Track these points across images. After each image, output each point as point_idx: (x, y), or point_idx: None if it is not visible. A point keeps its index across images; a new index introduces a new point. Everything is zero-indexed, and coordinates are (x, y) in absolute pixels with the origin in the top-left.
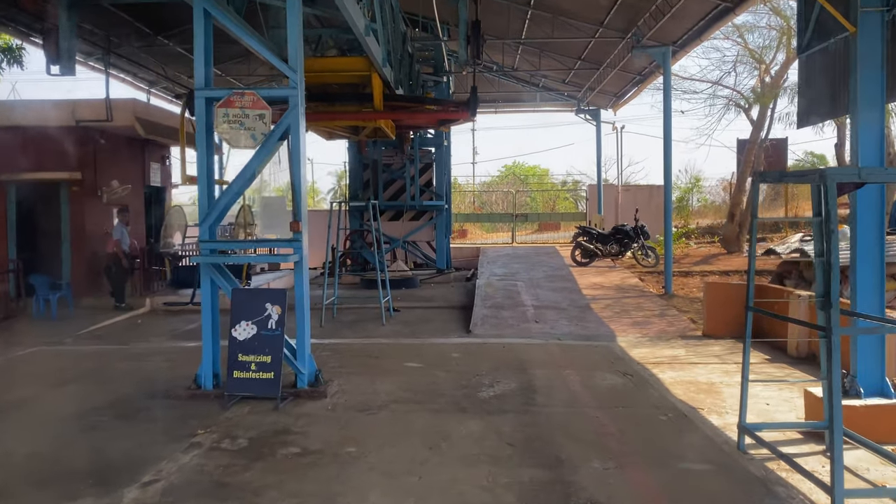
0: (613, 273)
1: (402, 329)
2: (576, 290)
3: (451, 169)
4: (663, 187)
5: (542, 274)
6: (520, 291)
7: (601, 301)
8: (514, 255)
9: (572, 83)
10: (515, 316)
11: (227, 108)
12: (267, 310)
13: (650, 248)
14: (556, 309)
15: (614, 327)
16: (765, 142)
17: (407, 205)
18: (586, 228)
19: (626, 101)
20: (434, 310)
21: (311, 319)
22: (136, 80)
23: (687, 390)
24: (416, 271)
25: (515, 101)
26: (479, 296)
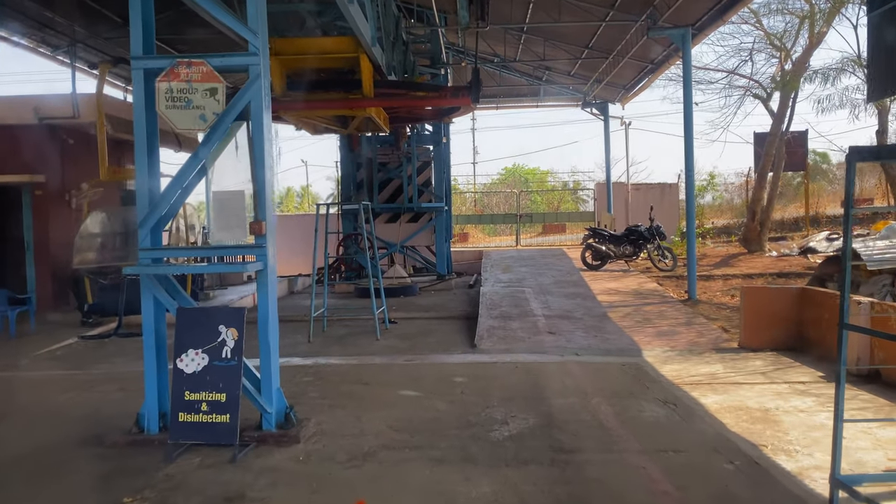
0: (629, 277)
1: (399, 344)
2: (590, 296)
3: (450, 168)
4: (677, 185)
5: (551, 279)
6: (528, 299)
7: (619, 309)
8: (519, 258)
9: (578, 75)
10: (525, 327)
11: (169, 81)
12: (221, 334)
13: (667, 250)
14: (570, 318)
15: (638, 339)
16: (786, 134)
17: (404, 206)
18: (597, 229)
19: (636, 93)
20: (434, 320)
21: (298, 335)
22: (111, 76)
23: (738, 419)
24: (415, 277)
25: (518, 97)
26: (483, 304)
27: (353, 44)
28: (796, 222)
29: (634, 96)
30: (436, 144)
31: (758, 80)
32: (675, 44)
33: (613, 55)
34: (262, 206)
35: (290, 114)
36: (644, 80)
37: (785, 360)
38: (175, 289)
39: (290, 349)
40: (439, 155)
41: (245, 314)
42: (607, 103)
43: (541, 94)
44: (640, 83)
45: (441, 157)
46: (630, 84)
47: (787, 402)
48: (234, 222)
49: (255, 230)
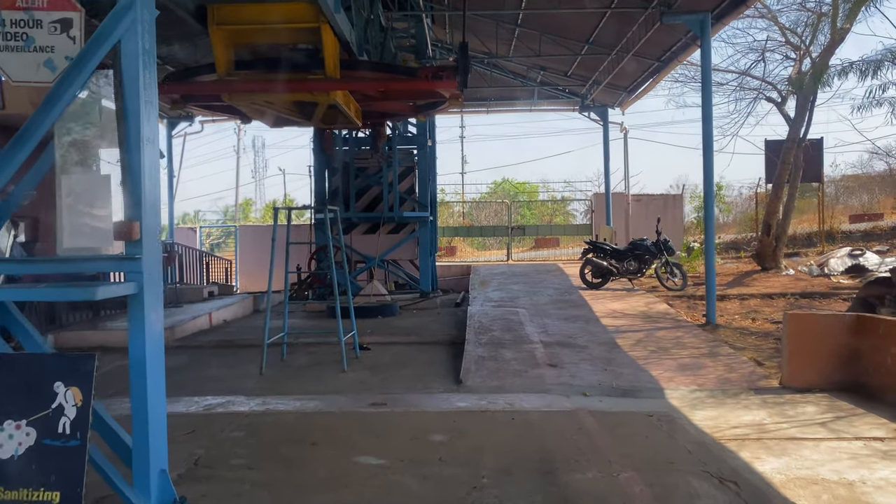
0: (634, 297)
1: (369, 378)
2: (593, 319)
3: (436, 174)
4: (681, 196)
5: (548, 298)
6: (522, 322)
7: (629, 335)
8: (510, 274)
9: (576, 76)
10: (521, 358)
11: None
12: (56, 397)
13: (676, 266)
14: (573, 346)
15: (657, 374)
16: (804, 140)
17: (384, 216)
18: (598, 243)
19: (638, 96)
20: (414, 346)
21: (249, 365)
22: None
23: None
24: (396, 294)
25: (510, 99)
26: (471, 328)
27: (311, 11)
28: (809, 237)
29: (636, 100)
30: (420, 148)
31: (771, 81)
32: (692, 31)
33: (617, 51)
34: (135, 199)
35: (239, 98)
36: (648, 80)
37: (843, 404)
38: (14, 322)
39: (235, 385)
40: (424, 159)
41: (95, 364)
42: (607, 108)
43: (535, 97)
44: (644, 84)
45: (426, 162)
46: (632, 86)
47: (873, 472)
48: (92, 223)
49: (122, 234)
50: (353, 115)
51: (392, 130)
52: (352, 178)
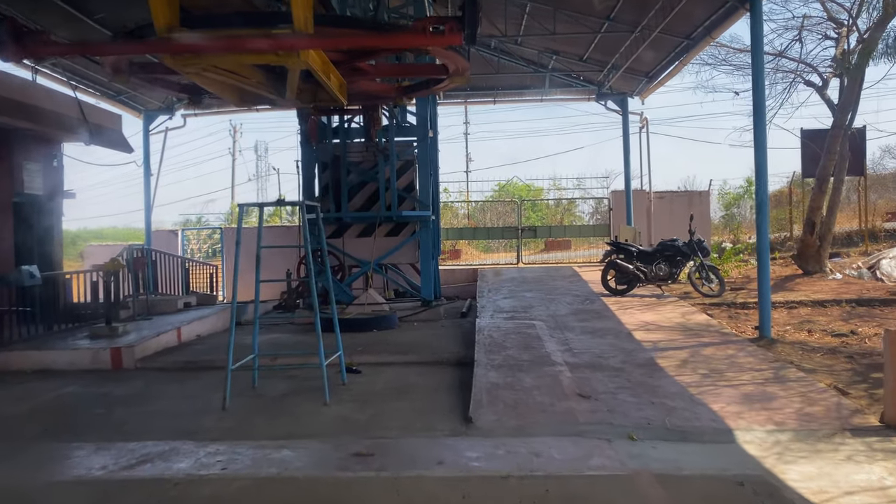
0: (666, 305)
1: (355, 415)
2: (624, 333)
3: (438, 168)
4: (707, 193)
5: (567, 307)
6: (541, 337)
7: (670, 353)
8: (521, 279)
9: (592, 60)
10: (544, 385)
11: None
12: None
13: (712, 270)
14: (607, 369)
15: (717, 407)
16: (849, 128)
17: (381, 216)
18: (621, 244)
19: (661, 83)
20: (414, 368)
21: (213, 395)
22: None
23: None
24: (395, 303)
25: (519, 88)
26: (481, 344)
27: None
28: (849, 236)
29: (657, 87)
30: (421, 139)
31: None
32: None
33: (641, 27)
34: None
35: (188, 62)
36: (674, 63)
37: None
38: None
39: (188, 424)
40: (425, 152)
41: None
42: (626, 96)
43: (546, 86)
44: (669, 69)
45: (427, 156)
46: (654, 70)
47: None
48: None
49: None
50: (335, 90)
51: (389, 119)
52: (344, 174)
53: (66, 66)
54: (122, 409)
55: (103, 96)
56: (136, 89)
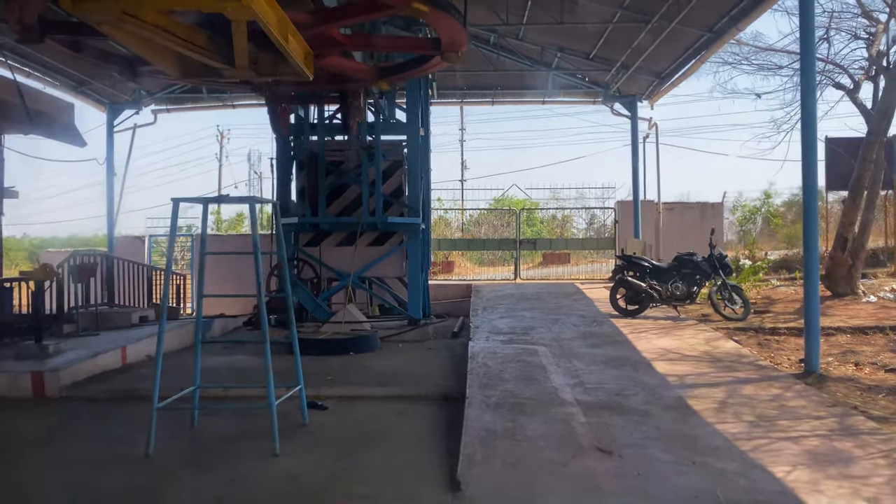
0: (685, 330)
1: (309, 473)
2: (642, 363)
3: (430, 171)
4: (721, 205)
5: (573, 330)
6: (545, 366)
7: (702, 392)
8: (520, 296)
9: (600, 59)
10: (553, 434)
11: None
12: None
13: (735, 290)
14: (629, 412)
15: (780, 472)
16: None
17: (363, 222)
18: (633, 258)
19: (674, 84)
20: (392, 405)
21: (137, 435)
22: None
23: None
24: (378, 321)
25: (519, 89)
26: (474, 375)
27: None
28: (874, 255)
29: (670, 89)
30: (411, 138)
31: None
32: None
33: (658, 17)
34: None
35: (90, 8)
36: (692, 60)
37: None
38: None
39: (92, 480)
40: (416, 153)
41: None
42: (635, 99)
43: (549, 87)
44: (685, 67)
45: (418, 157)
46: (669, 69)
47: None
48: None
49: None
50: (298, 61)
51: (375, 115)
52: (322, 175)
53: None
54: (14, 456)
55: (64, 87)
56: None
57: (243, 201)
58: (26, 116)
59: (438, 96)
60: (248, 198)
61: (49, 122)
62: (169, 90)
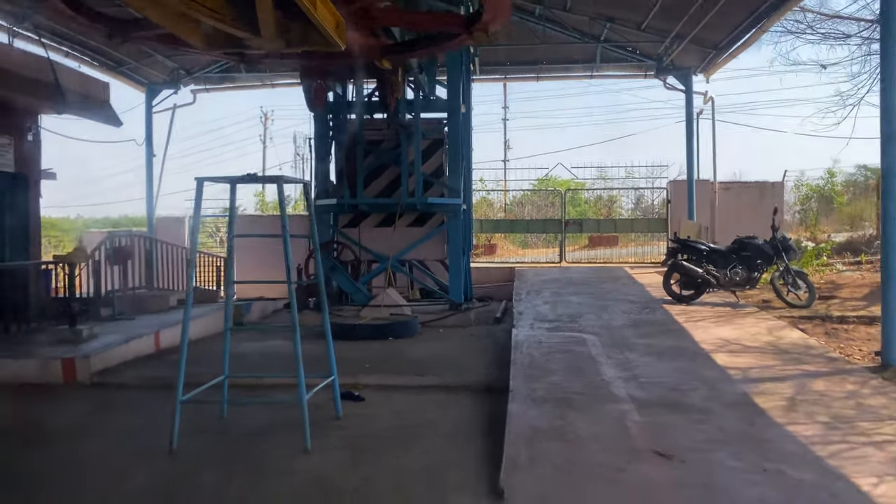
0: (746, 318)
1: (339, 477)
2: (700, 354)
3: (472, 150)
4: (781, 185)
5: (624, 318)
6: (594, 357)
7: (768, 387)
8: (566, 281)
9: (652, 29)
10: (605, 434)
11: None
12: None
13: (799, 275)
14: (687, 409)
15: (867, 484)
16: None
17: (403, 203)
18: (688, 241)
19: (732, 55)
20: (431, 395)
21: (161, 427)
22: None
23: None
24: (419, 304)
25: (566, 63)
26: (518, 366)
27: None
28: None
29: (728, 61)
30: (451, 116)
31: None
32: None
33: None
34: None
35: None
36: (752, 29)
37: None
38: None
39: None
40: (456, 131)
41: None
42: (690, 72)
43: (597, 60)
44: (744, 38)
45: (459, 135)
46: (727, 39)
47: None
48: None
49: None
50: (329, 29)
51: (414, 91)
52: (360, 155)
53: (58, 31)
54: (29, 448)
55: (102, 67)
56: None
57: (271, 181)
58: (60, 95)
59: (481, 72)
60: (275, 177)
61: (83, 101)
62: (207, 69)
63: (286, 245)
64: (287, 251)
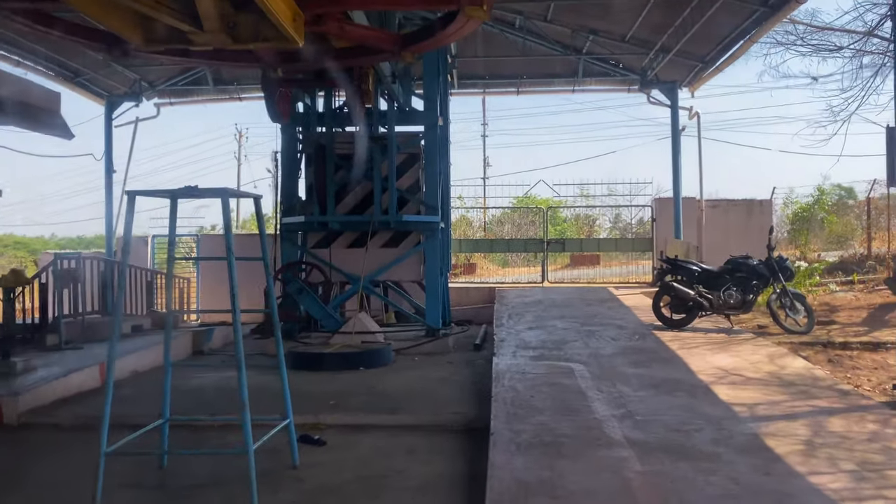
0: (743, 344)
1: None
2: (700, 386)
3: (449, 164)
4: (770, 202)
5: (613, 345)
6: (584, 391)
7: (780, 426)
8: (549, 303)
9: (637, 40)
10: (603, 489)
11: None
12: None
13: (797, 298)
14: (693, 455)
15: None
16: None
17: (376, 221)
18: (679, 261)
19: (717, 69)
20: (404, 438)
21: (80, 484)
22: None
23: None
24: (392, 329)
25: (547, 77)
26: (500, 402)
27: None
28: None
29: (714, 74)
30: (429, 128)
31: None
32: None
33: None
34: None
35: None
36: (740, 41)
37: None
38: None
39: None
40: (434, 144)
41: None
42: (676, 85)
43: (579, 74)
44: (732, 49)
45: (436, 149)
46: (714, 52)
47: None
48: None
49: None
50: (283, 22)
51: (388, 102)
52: (330, 169)
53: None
54: None
55: (59, 77)
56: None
57: (214, 195)
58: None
59: (459, 86)
60: (219, 190)
61: (29, 110)
62: (171, 81)
63: (231, 269)
64: (232, 275)
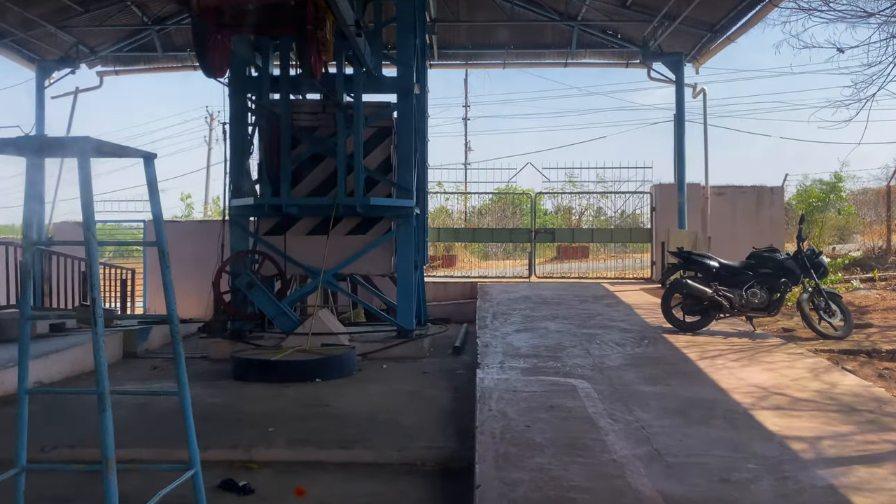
0: (774, 353)
1: None
2: (737, 411)
3: (427, 140)
4: (781, 189)
5: (619, 352)
6: (593, 418)
7: (864, 477)
8: (537, 298)
9: (638, 7)
10: None
11: None
12: None
13: (832, 298)
14: None
15: None
16: None
17: (340, 204)
18: (693, 255)
19: (727, 41)
20: (359, 482)
21: None
22: None
23: None
24: (358, 330)
25: (537, 48)
26: (486, 436)
27: None
28: None
29: (724, 46)
30: (402, 98)
31: None
32: None
33: None
34: None
35: None
36: (758, 6)
37: None
38: None
39: None
40: (409, 116)
41: None
42: (681, 57)
43: (573, 45)
44: (748, 15)
45: (411, 122)
46: (725, 19)
47: None
48: None
49: None
50: None
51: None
52: (286, 144)
53: None
54: None
55: None
56: (21, 28)
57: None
58: None
59: (439, 56)
60: (80, 139)
61: None
62: (114, 47)
63: (92, 257)
64: (93, 265)
